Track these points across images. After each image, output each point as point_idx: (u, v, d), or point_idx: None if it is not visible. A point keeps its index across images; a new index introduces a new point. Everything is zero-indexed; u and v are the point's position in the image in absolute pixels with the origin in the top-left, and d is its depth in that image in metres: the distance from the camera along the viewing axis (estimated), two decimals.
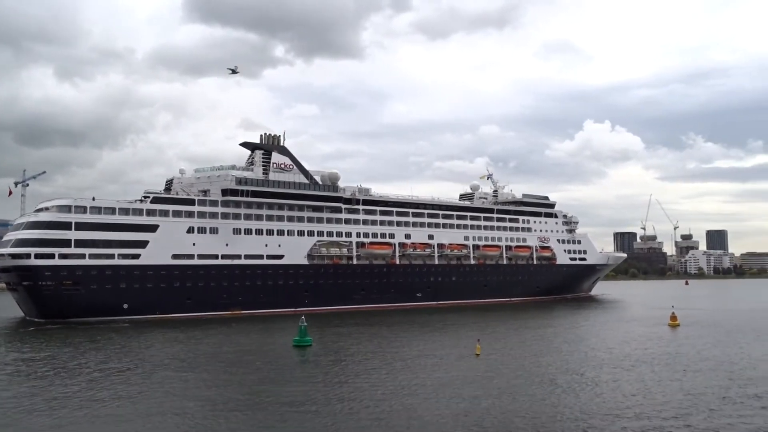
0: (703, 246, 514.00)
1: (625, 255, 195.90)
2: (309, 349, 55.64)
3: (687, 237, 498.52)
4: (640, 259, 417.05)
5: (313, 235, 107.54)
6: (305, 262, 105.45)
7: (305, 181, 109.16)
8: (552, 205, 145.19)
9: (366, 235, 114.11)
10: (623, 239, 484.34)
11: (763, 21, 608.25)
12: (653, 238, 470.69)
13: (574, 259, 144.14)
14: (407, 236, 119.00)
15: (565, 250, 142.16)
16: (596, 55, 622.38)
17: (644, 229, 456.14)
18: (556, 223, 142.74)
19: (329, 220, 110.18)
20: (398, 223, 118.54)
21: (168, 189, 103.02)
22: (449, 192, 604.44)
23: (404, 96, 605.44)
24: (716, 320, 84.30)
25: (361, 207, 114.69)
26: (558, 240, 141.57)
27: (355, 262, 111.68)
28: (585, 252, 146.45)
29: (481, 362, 47.77)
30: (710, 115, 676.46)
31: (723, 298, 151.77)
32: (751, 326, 75.01)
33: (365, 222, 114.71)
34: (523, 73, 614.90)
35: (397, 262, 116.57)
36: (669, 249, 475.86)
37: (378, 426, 29.53)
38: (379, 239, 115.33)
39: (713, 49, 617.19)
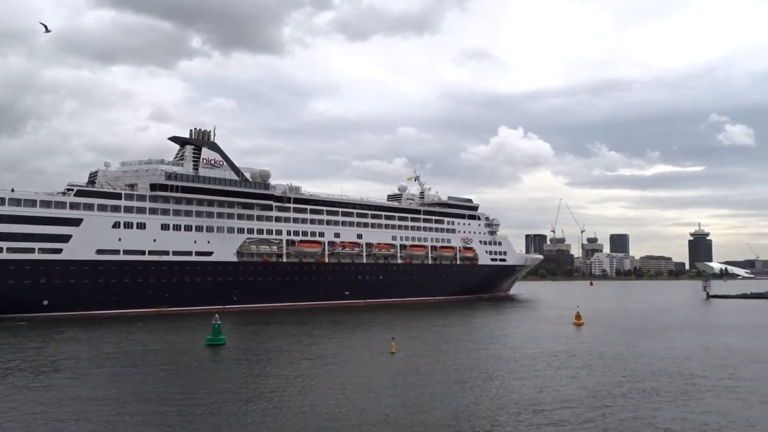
0: (607, 249, 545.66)
1: (541, 257, 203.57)
2: (222, 348, 53.54)
3: (593, 240, 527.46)
4: (549, 260, 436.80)
5: (243, 233, 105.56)
6: (235, 259, 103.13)
7: (236, 178, 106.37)
8: (475, 208, 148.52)
9: (296, 233, 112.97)
10: (534, 241, 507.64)
11: (663, 39, 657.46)
12: (562, 240, 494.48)
13: (495, 260, 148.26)
14: (337, 235, 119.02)
15: (486, 251, 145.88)
16: (510, 63, 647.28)
17: (554, 232, 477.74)
18: (479, 225, 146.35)
19: (260, 218, 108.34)
20: (328, 222, 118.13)
21: (92, 182, 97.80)
22: (367, 191, 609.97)
23: (324, 94, 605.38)
24: (616, 319, 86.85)
25: (291, 205, 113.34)
26: (480, 241, 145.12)
27: (284, 260, 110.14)
28: (505, 253, 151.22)
29: (395, 360, 47.09)
30: (614, 126, 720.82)
31: (623, 299, 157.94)
32: (644, 325, 77.53)
33: (296, 220, 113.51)
34: (441, 77, 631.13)
35: (327, 260, 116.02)
36: (576, 251, 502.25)
37: (281, 426, 28.21)
38: (309, 237, 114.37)
39: (618, 63, 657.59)
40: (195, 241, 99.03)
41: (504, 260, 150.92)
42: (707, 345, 57.50)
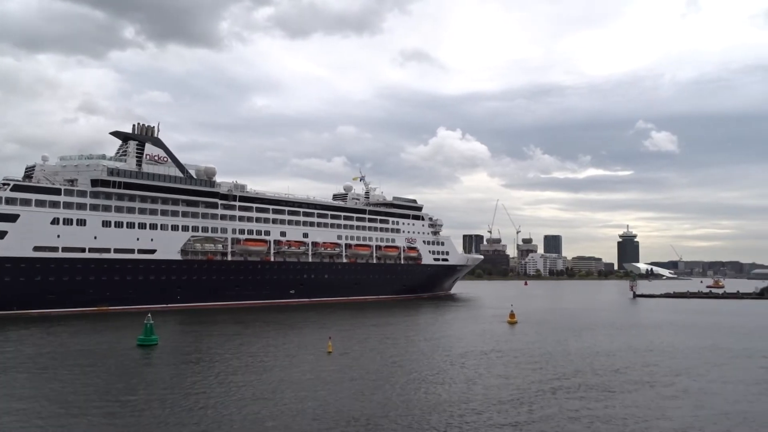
0: (541, 249, 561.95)
1: (481, 257, 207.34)
2: (154, 348, 52.14)
3: (527, 241, 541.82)
4: (486, 260, 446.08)
5: (188, 230, 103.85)
6: (178, 257, 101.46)
7: (180, 174, 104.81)
8: (420, 208, 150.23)
9: (242, 231, 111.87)
10: (471, 241, 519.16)
11: (595, 47, 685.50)
12: (498, 241, 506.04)
13: (438, 259, 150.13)
14: (282, 234, 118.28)
15: (430, 251, 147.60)
16: (449, 65, 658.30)
17: (490, 232, 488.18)
18: (423, 226, 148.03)
19: (204, 216, 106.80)
20: (274, 221, 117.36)
21: (29, 176, 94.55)
22: (306, 190, 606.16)
23: (264, 90, 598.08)
24: (548, 318, 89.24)
25: (237, 203, 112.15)
26: (424, 241, 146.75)
27: (229, 258, 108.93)
28: (448, 253, 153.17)
29: (331, 360, 46.94)
30: (548, 130, 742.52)
31: (555, 298, 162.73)
32: (574, 324, 79.93)
33: (241, 219, 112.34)
34: (380, 77, 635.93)
35: (272, 259, 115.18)
36: (511, 251, 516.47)
37: (209, 428, 27.63)
38: (254, 236, 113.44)
39: (553, 69, 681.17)
40: (138, 239, 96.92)
41: (446, 260, 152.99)
42: (631, 342, 59.82)
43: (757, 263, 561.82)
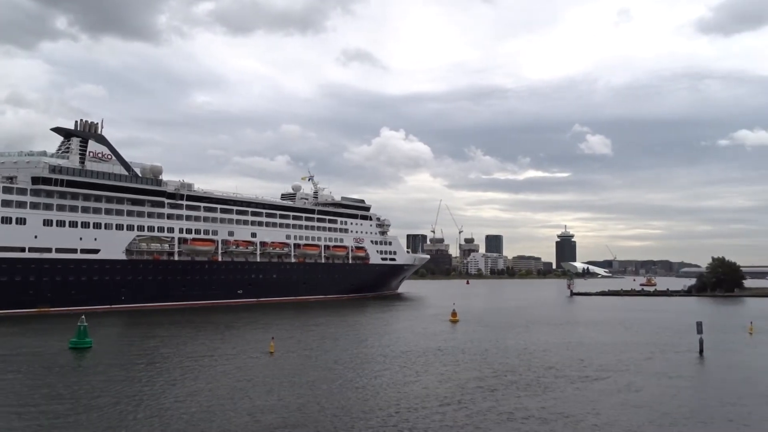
0: (483, 249, 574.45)
1: (428, 256, 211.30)
2: (87, 351, 50.07)
3: (470, 241, 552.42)
4: (429, 260, 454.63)
5: (133, 230, 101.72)
6: (123, 257, 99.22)
7: (125, 172, 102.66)
8: (368, 208, 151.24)
9: (189, 231, 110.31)
10: (415, 241, 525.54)
11: (535, 51, 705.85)
12: (441, 240, 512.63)
13: (386, 259, 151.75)
14: (230, 233, 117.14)
15: (377, 251, 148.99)
16: (393, 66, 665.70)
17: (434, 232, 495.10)
18: (371, 225, 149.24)
19: (150, 215, 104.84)
20: (222, 220, 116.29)
21: None
22: (249, 188, 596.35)
23: (205, 86, 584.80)
24: (489, 316, 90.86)
25: (184, 202, 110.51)
26: (372, 241, 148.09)
27: (176, 258, 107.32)
28: (395, 253, 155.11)
29: (272, 361, 46.29)
30: (489, 132, 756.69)
31: (496, 297, 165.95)
32: (514, 321, 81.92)
33: (188, 218, 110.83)
34: (324, 76, 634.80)
35: (220, 259, 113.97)
36: (454, 251, 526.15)
37: None
38: (202, 236, 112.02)
39: (495, 72, 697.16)
40: (80, 238, 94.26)
41: (394, 260, 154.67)
42: (567, 339, 61.63)
43: (686, 262, 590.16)
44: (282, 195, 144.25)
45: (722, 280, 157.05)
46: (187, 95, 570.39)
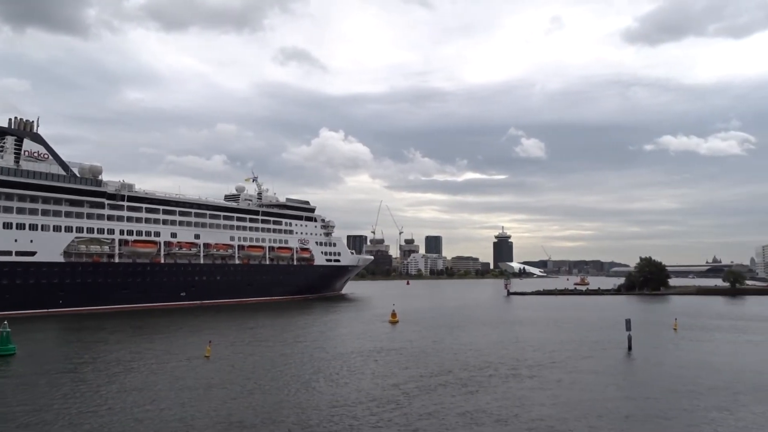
0: (422, 250, 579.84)
1: (371, 257, 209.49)
2: (9, 358, 47.81)
3: (410, 241, 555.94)
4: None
5: (72, 231, 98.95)
6: (61, 259, 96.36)
7: (63, 172, 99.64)
8: (312, 210, 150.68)
9: (130, 232, 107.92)
10: (355, 242, 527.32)
11: (473, 56, 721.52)
12: (381, 241, 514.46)
13: (330, 260, 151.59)
14: (173, 235, 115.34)
15: (322, 252, 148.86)
16: (330, 67, 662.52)
17: (374, 233, 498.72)
18: (316, 227, 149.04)
19: (90, 216, 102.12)
20: (164, 222, 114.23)
21: None
22: (185, 188, 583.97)
23: (137, 83, 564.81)
24: (428, 317, 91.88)
25: (125, 203, 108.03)
26: (317, 242, 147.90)
27: (117, 260, 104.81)
28: (339, 254, 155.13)
29: (207, 365, 45.52)
30: (428, 134, 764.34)
31: (435, 297, 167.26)
32: (452, 322, 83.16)
33: (129, 219, 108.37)
34: (263, 75, 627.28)
35: (162, 260, 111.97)
36: (394, 252, 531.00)
37: None
38: (143, 237, 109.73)
39: (435, 75, 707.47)
40: (16, 240, 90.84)
41: (338, 261, 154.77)
42: (502, 338, 63.13)
43: (616, 262, 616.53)
44: (225, 196, 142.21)
45: (649, 279, 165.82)
46: (119, 91, 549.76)
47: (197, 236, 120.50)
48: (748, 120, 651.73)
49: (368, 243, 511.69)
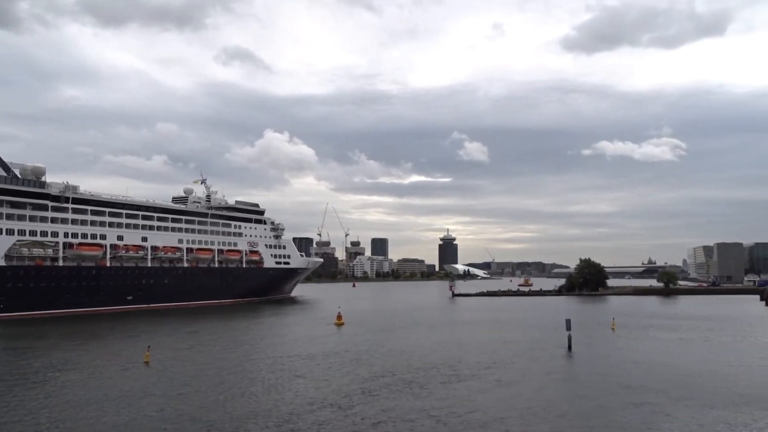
0: (368, 252, 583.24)
1: (321, 260, 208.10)
2: None
3: (356, 244, 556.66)
4: None
5: (13, 234, 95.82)
6: (2, 263, 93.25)
7: (3, 173, 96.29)
8: (262, 212, 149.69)
9: (75, 235, 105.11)
10: (302, 244, 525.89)
11: (420, 60, 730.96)
12: (327, 243, 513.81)
13: (280, 263, 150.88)
14: (120, 238, 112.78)
15: (272, 255, 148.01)
16: (275, 68, 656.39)
17: (320, 235, 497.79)
18: (265, 230, 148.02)
19: (32, 218, 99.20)
20: (111, 224, 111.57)
21: None
22: (123, 189, 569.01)
23: (73, 79, 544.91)
24: (373, 319, 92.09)
25: (70, 206, 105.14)
26: (266, 245, 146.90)
27: (61, 263, 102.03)
28: (289, 257, 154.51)
29: (147, 371, 44.34)
30: (374, 136, 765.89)
31: (381, 299, 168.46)
32: (397, 323, 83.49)
33: (74, 221, 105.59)
34: (205, 74, 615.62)
35: (108, 264, 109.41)
36: (340, 254, 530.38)
37: None
38: (89, 240, 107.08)
39: (381, 78, 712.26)
40: None
41: (288, 263, 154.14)
42: (446, 339, 63.69)
43: (557, 263, 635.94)
44: (173, 198, 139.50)
45: (588, 280, 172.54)
46: (53, 88, 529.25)
47: (145, 239, 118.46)
48: (679, 127, 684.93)
49: (314, 245, 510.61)
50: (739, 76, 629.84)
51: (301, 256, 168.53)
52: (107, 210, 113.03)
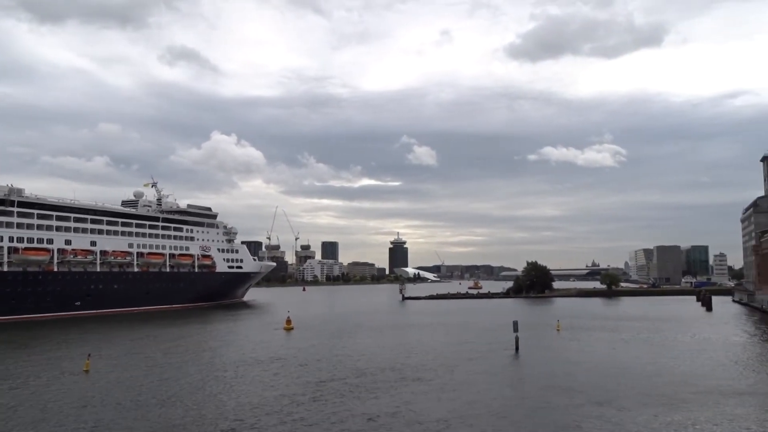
0: (319, 256, 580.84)
1: (274, 264, 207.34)
2: None
3: (306, 247, 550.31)
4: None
5: None
6: None
7: None
8: (214, 216, 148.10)
9: (20, 239, 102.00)
10: (251, 248, 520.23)
11: (370, 63, 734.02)
12: (277, 247, 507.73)
13: (232, 267, 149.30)
14: (68, 242, 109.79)
15: (224, 259, 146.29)
16: (224, 69, 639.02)
17: (269, 239, 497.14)
18: (218, 233, 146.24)
19: None
20: (58, 228, 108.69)
21: None
22: (63, 191, 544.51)
23: (7, 77, 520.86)
24: (323, 323, 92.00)
25: (15, 209, 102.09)
26: (219, 249, 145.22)
27: (5, 269, 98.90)
28: (242, 261, 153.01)
29: (87, 380, 43.02)
30: (323, 140, 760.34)
31: (331, 303, 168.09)
32: (346, 327, 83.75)
33: (19, 225, 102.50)
34: (149, 74, 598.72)
35: (56, 269, 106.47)
36: (290, 258, 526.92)
37: None
38: (35, 245, 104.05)
39: (331, 81, 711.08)
40: None
41: (241, 267, 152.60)
42: (395, 343, 64.00)
43: (505, 266, 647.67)
44: (123, 202, 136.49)
45: (535, 283, 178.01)
46: None
47: (93, 243, 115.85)
48: (620, 134, 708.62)
49: (264, 249, 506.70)
50: (676, 86, 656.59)
51: (254, 260, 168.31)
52: (54, 214, 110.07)
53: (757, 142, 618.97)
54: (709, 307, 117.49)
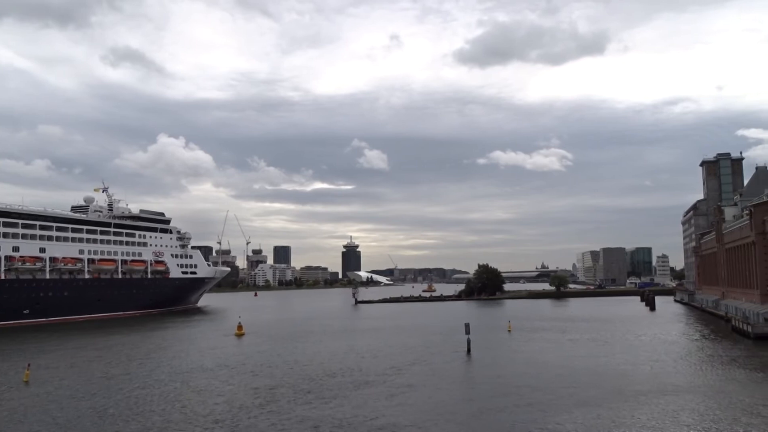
0: (271, 260, 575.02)
1: (228, 269, 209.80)
2: None
3: (258, 252, 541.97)
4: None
5: None
6: None
7: None
8: (168, 221, 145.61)
9: None
10: (201, 253, 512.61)
11: (321, 67, 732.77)
12: (228, 252, 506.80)
13: (186, 273, 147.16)
14: (15, 249, 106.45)
15: (178, 265, 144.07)
16: (171, 70, 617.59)
17: (220, 243, 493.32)
18: (171, 239, 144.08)
19: None
20: (5, 235, 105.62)
21: None
22: (3, 196, 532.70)
23: None
24: (275, 328, 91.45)
25: None
26: (172, 255, 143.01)
27: None
28: (196, 266, 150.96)
29: (26, 391, 41.93)
30: (274, 143, 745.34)
31: (284, 308, 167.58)
32: (299, 332, 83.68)
33: None
34: (94, 75, 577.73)
35: (3, 276, 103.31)
36: (242, 263, 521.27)
37: None
38: None
39: (282, 84, 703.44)
40: None
41: (195, 273, 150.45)
42: (347, 347, 64.31)
43: (457, 269, 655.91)
44: (72, 207, 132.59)
45: (486, 285, 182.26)
46: None
47: (42, 250, 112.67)
48: (566, 139, 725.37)
49: (214, 254, 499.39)
50: (619, 93, 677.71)
51: (209, 265, 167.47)
52: (1, 220, 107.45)
53: (696, 148, 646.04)
54: (652, 306, 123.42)
